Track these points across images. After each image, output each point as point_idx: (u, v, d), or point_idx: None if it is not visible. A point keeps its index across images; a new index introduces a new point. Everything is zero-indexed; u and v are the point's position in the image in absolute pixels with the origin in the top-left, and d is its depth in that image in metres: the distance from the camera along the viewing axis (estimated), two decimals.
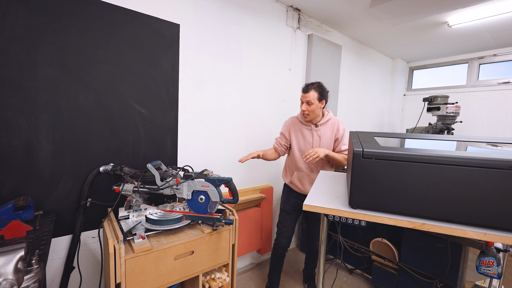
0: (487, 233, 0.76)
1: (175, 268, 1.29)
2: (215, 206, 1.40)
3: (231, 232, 1.49)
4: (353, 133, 1.25)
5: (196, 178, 1.36)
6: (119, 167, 1.49)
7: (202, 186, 1.35)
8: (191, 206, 1.39)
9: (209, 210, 1.37)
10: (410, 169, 0.81)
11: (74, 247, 1.47)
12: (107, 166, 1.51)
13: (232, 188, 1.38)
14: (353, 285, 2.26)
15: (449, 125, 3.18)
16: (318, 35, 2.76)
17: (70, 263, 1.46)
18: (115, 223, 1.32)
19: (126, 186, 1.37)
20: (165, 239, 1.29)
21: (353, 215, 0.91)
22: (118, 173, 1.48)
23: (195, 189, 1.35)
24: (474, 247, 1.56)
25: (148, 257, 1.19)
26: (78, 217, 1.46)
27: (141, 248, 1.18)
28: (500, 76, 3.46)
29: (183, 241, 1.30)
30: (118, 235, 1.16)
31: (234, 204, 1.88)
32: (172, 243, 1.26)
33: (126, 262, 1.13)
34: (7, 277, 0.73)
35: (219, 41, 2.02)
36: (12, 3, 1.23)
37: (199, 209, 1.38)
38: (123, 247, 1.12)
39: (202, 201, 1.36)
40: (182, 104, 1.85)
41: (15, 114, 1.28)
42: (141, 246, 1.19)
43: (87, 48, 1.44)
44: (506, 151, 0.96)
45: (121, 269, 1.12)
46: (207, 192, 1.35)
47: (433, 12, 2.30)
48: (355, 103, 3.56)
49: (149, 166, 1.35)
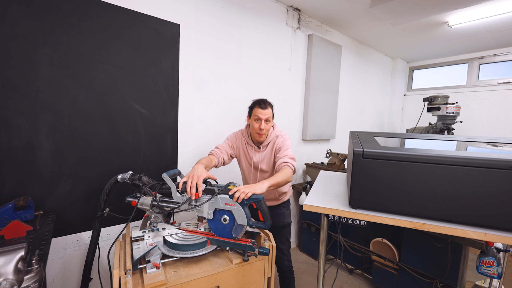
0: (487, 233, 0.76)
1: None
2: (241, 230, 1.12)
3: (266, 262, 1.18)
4: (353, 133, 1.25)
5: (219, 194, 1.11)
6: (137, 176, 1.30)
7: (226, 204, 1.10)
8: (212, 228, 1.15)
9: (233, 234, 1.11)
10: (410, 169, 0.81)
11: (91, 257, 1.40)
12: (125, 174, 1.34)
13: (264, 209, 1.12)
14: (353, 285, 2.26)
15: (449, 125, 3.18)
16: (318, 35, 2.76)
17: (88, 274, 1.40)
18: (128, 245, 1.12)
19: (143, 199, 1.18)
20: (185, 270, 1.04)
21: (353, 215, 0.91)
22: (136, 183, 1.30)
23: (217, 207, 1.12)
24: (474, 247, 1.56)
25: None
26: (95, 228, 1.38)
27: (153, 282, 0.94)
28: (500, 76, 3.46)
29: (207, 274, 1.03)
30: (127, 263, 0.98)
31: None
32: (193, 276, 1.01)
33: None
34: (7, 277, 0.73)
35: (219, 41, 2.02)
36: (13, 3, 1.23)
37: (221, 231, 1.13)
38: (130, 282, 0.92)
39: (225, 223, 1.11)
40: (182, 104, 1.85)
41: (16, 114, 1.28)
42: (154, 279, 0.95)
43: (88, 48, 1.45)
44: (506, 151, 0.96)
45: None
46: (231, 212, 1.10)
47: (433, 12, 2.30)
48: (355, 103, 3.56)
49: (164, 176, 1.13)
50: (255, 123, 1.53)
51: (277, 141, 1.58)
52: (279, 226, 1.73)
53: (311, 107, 2.77)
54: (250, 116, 1.58)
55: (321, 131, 2.95)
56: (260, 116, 1.50)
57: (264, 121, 1.51)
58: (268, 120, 1.52)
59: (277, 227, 1.73)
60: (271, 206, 1.72)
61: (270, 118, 1.52)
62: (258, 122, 1.51)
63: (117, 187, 1.40)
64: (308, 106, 2.76)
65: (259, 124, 1.51)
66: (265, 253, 1.10)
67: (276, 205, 1.74)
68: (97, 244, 1.43)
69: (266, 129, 1.52)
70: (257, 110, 1.52)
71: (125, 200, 1.23)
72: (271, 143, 1.60)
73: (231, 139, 1.65)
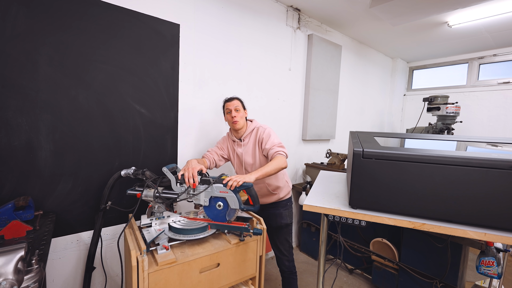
0: (487, 233, 0.76)
1: (200, 282, 1.19)
2: (234, 214, 1.31)
3: (258, 242, 1.36)
4: (353, 133, 1.25)
5: (214, 184, 1.27)
6: (140, 171, 1.43)
7: (220, 192, 1.26)
8: (208, 213, 1.31)
9: (227, 217, 1.27)
10: (410, 169, 0.81)
11: (94, 248, 1.50)
12: (128, 170, 1.47)
13: (253, 194, 1.29)
14: (353, 285, 2.26)
15: (449, 125, 3.18)
16: (318, 35, 2.76)
17: (91, 264, 1.50)
18: (137, 231, 1.24)
19: (147, 192, 1.33)
20: (190, 250, 1.19)
21: (353, 215, 0.91)
22: (140, 177, 1.42)
23: (212, 195, 1.27)
24: (474, 247, 1.57)
25: (172, 270, 1.10)
26: (98, 220, 1.48)
27: (165, 260, 1.08)
28: (500, 76, 3.46)
29: (209, 253, 1.19)
30: (141, 245, 1.09)
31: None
32: (198, 254, 1.17)
33: (149, 276, 1.05)
34: (7, 277, 0.73)
35: (219, 41, 2.02)
36: (13, 3, 1.23)
37: (216, 216, 1.29)
38: (146, 260, 1.04)
39: (220, 208, 1.27)
40: (182, 104, 1.85)
41: (15, 114, 1.28)
42: (165, 258, 1.10)
43: (88, 48, 1.45)
44: (506, 151, 0.96)
45: (144, 283, 1.04)
46: (225, 198, 1.26)
47: (433, 12, 2.30)
48: (355, 103, 3.56)
49: (164, 170, 1.29)
50: (228, 116, 1.66)
51: (258, 132, 1.66)
52: (277, 227, 1.73)
53: (311, 107, 2.77)
54: (224, 114, 1.71)
55: (321, 131, 2.95)
56: (229, 108, 1.64)
57: (234, 110, 1.63)
58: (237, 109, 1.64)
59: (274, 227, 1.74)
60: (267, 205, 1.73)
61: (238, 107, 1.64)
62: (230, 113, 1.64)
63: (118, 183, 1.52)
64: (308, 106, 2.76)
65: (231, 114, 1.63)
66: (258, 233, 1.28)
67: (273, 204, 1.73)
68: (100, 235, 1.51)
69: (238, 116, 1.63)
70: (226, 105, 1.67)
71: (126, 192, 1.35)
72: (253, 135, 1.68)
73: (219, 142, 1.80)
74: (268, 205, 1.74)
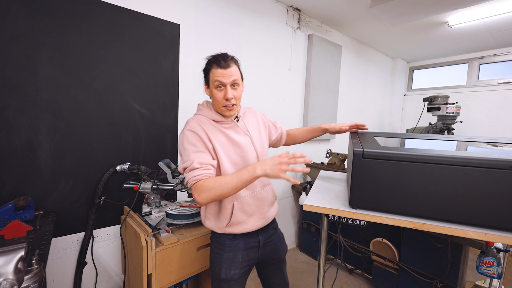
0: (487, 233, 0.75)
1: (197, 258, 1.41)
2: None
3: None
4: (353, 133, 1.25)
5: None
6: (136, 166, 1.54)
7: None
8: None
9: None
10: (410, 169, 0.81)
11: (86, 243, 1.52)
12: (123, 165, 1.56)
13: None
14: (353, 285, 2.26)
15: (449, 125, 3.18)
16: (318, 35, 2.76)
17: (83, 259, 1.52)
18: (139, 219, 1.43)
19: (145, 184, 1.47)
20: (187, 232, 1.42)
21: (353, 215, 0.91)
22: (135, 171, 1.54)
23: None
24: (474, 247, 1.56)
25: (175, 249, 1.31)
26: (91, 215, 1.51)
27: (169, 240, 1.30)
28: (500, 76, 3.46)
29: (204, 233, 1.42)
30: (147, 229, 1.29)
31: None
32: (194, 235, 1.39)
33: (156, 254, 1.25)
34: (7, 277, 0.73)
35: (219, 41, 2.02)
36: (13, 3, 1.23)
37: None
38: (154, 241, 1.23)
39: None
40: (182, 104, 1.85)
41: (16, 114, 1.28)
42: (169, 239, 1.31)
43: (89, 48, 1.45)
44: (506, 151, 0.96)
45: (152, 261, 1.23)
46: None
47: (433, 12, 2.30)
48: (355, 103, 3.56)
49: (160, 164, 1.43)
50: (217, 92, 1.02)
51: (256, 115, 1.21)
52: (279, 260, 1.23)
53: (311, 107, 2.77)
54: (207, 83, 1.07)
55: None
56: (222, 80, 0.99)
57: (230, 85, 1.01)
58: (236, 83, 1.03)
59: (282, 259, 1.25)
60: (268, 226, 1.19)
61: (237, 81, 1.02)
62: (222, 90, 1.01)
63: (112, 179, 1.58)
64: (308, 106, 2.76)
65: (224, 92, 1.01)
66: None
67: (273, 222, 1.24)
68: (92, 231, 1.54)
69: (236, 97, 1.04)
70: (216, 72, 1.00)
71: (123, 186, 1.51)
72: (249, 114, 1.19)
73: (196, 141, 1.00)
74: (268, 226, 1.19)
